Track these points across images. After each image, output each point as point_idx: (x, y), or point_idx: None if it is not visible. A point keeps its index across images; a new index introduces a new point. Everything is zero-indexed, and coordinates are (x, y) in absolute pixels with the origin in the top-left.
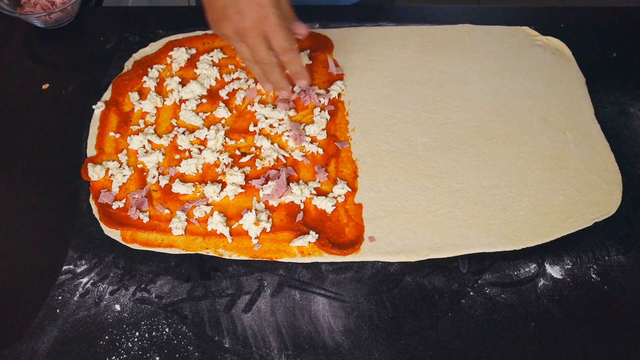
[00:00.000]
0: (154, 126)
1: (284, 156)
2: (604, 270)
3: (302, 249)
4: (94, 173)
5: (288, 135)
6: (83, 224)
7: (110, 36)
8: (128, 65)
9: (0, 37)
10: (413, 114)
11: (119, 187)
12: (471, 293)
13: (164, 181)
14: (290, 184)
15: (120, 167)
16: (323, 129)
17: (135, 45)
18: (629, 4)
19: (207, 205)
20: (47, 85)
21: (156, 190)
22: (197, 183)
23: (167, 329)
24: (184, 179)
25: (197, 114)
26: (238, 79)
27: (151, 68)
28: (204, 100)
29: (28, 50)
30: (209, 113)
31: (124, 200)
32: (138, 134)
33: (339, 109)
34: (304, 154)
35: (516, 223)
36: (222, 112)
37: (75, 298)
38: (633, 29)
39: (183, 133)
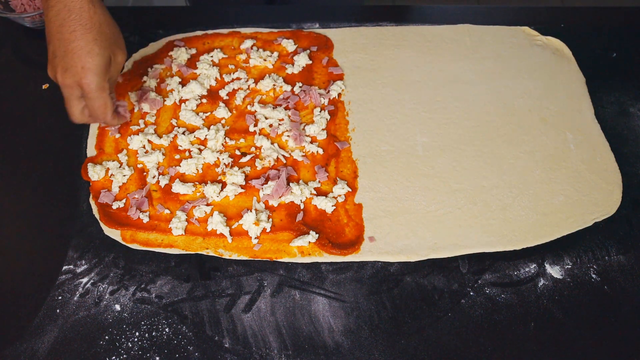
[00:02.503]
0: (154, 126)
1: (284, 156)
2: (604, 270)
3: (302, 249)
4: (94, 173)
5: (288, 135)
6: (83, 224)
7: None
8: (128, 65)
9: None
10: (413, 114)
11: (119, 187)
12: (471, 293)
13: (164, 181)
14: (290, 184)
15: (120, 167)
16: (323, 129)
17: (135, 45)
18: (629, 4)
19: (207, 205)
20: (47, 85)
21: (156, 190)
22: (197, 183)
23: (167, 329)
24: (184, 179)
25: (197, 114)
26: (238, 79)
27: (151, 68)
28: (204, 100)
29: (28, 50)
30: (209, 113)
31: (124, 200)
32: (138, 134)
33: (339, 109)
34: (304, 154)
35: (516, 223)
36: (222, 112)
37: (75, 298)
38: (633, 29)
39: (183, 133)
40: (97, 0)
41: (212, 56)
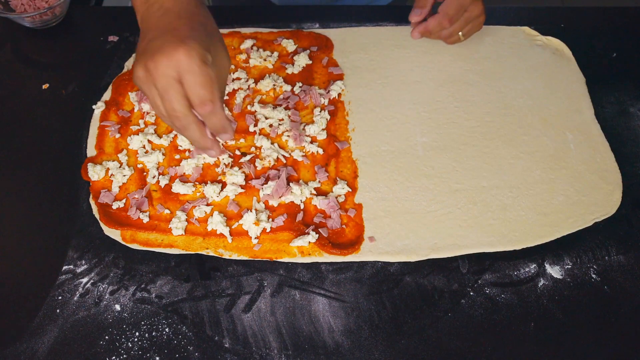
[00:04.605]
0: (154, 126)
1: (284, 156)
2: (604, 270)
3: (302, 249)
4: (94, 173)
5: (288, 135)
6: (83, 224)
7: (110, 36)
8: (128, 65)
9: None
10: (413, 114)
11: (119, 187)
12: (471, 293)
13: (164, 181)
14: (290, 184)
15: (120, 167)
16: (323, 129)
17: (135, 45)
18: (629, 4)
19: (207, 205)
20: (47, 85)
21: (156, 190)
22: (197, 183)
23: (167, 329)
24: (184, 179)
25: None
26: (238, 79)
27: None
28: None
29: (28, 50)
30: None
31: (124, 200)
32: (138, 134)
33: (339, 109)
34: (304, 154)
35: (516, 223)
36: None
37: (75, 298)
38: (633, 29)
39: None
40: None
41: None
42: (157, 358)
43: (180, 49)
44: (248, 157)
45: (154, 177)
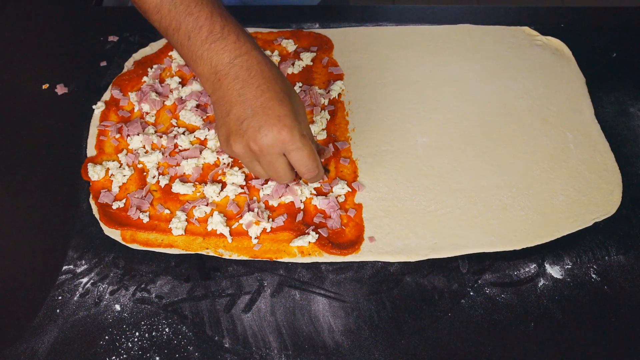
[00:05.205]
0: (154, 126)
1: None
2: (604, 270)
3: (302, 249)
4: (94, 173)
5: None
6: (83, 224)
7: (110, 36)
8: (128, 65)
9: None
10: (413, 114)
11: (119, 187)
12: (471, 293)
13: (164, 181)
14: (290, 183)
15: (120, 167)
16: (323, 129)
17: (135, 45)
18: (629, 4)
19: (207, 205)
20: (47, 85)
21: (156, 190)
22: (197, 183)
23: (167, 329)
24: (184, 179)
25: (197, 114)
26: None
27: (151, 68)
28: (205, 100)
29: (28, 50)
30: (209, 113)
31: (124, 200)
32: (138, 134)
33: (339, 109)
34: None
35: (516, 223)
36: None
37: (75, 298)
38: (633, 29)
39: (183, 133)
40: (267, 56)
41: None
42: (157, 358)
43: (283, 131)
44: None
45: (154, 177)
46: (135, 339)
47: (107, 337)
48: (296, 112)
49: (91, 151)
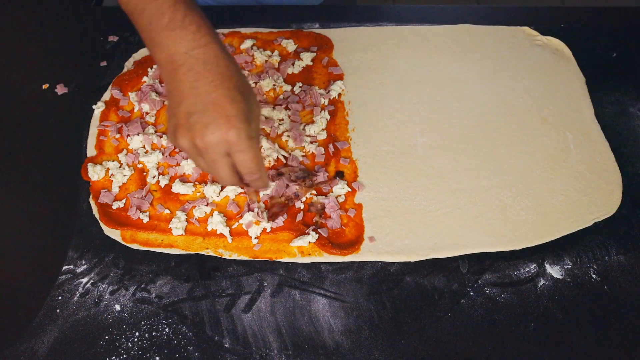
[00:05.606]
0: (154, 126)
1: (284, 156)
2: (604, 270)
3: (302, 249)
4: (94, 173)
5: (288, 135)
6: (83, 224)
7: (110, 36)
8: (128, 65)
9: None
10: (413, 114)
11: (119, 187)
12: (471, 293)
13: (164, 181)
14: (291, 183)
15: (120, 167)
16: (323, 129)
17: (135, 45)
18: (629, 4)
19: (207, 205)
20: (47, 85)
21: (156, 190)
22: (197, 183)
23: (167, 329)
24: (184, 179)
25: None
26: None
27: (151, 68)
28: None
29: (28, 50)
30: None
31: (124, 200)
32: (138, 134)
33: (339, 109)
34: (304, 154)
35: (516, 223)
36: None
37: (75, 298)
38: (633, 29)
39: None
40: (227, 51)
41: None
42: (157, 358)
43: (230, 132)
44: None
45: (154, 177)
46: (135, 339)
47: (107, 337)
48: (248, 112)
49: (91, 151)
